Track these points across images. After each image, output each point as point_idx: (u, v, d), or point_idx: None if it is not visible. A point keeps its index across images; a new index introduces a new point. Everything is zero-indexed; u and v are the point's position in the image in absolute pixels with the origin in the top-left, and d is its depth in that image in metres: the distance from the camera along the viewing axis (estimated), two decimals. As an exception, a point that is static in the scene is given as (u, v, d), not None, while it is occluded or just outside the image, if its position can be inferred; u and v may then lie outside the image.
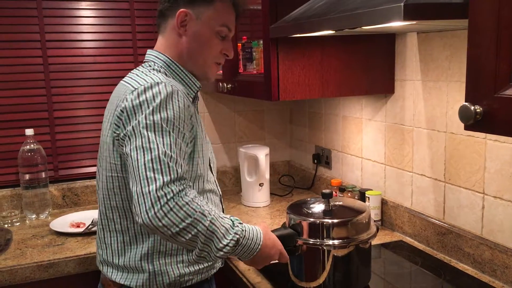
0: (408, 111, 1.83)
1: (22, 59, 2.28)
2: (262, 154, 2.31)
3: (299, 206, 1.49)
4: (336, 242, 1.37)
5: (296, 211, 1.44)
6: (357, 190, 2.04)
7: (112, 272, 1.41)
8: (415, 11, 1.01)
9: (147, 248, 1.36)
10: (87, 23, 2.36)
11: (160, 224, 1.12)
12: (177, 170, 1.17)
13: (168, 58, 1.41)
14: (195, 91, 1.45)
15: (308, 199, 1.54)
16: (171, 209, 1.13)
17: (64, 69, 2.35)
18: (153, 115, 1.21)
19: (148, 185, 1.13)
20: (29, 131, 2.21)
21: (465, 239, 1.60)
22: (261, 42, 1.84)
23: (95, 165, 2.42)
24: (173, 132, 1.21)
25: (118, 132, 1.27)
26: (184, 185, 1.17)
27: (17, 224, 2.17)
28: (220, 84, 2.17)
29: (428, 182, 1.76)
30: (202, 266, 1.43)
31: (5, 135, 2.29)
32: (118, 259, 1.39)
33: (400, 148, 1.89)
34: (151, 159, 1.16)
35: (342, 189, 2.08)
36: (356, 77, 1.85)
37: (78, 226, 2.08)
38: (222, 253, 1.20)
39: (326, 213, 1.43)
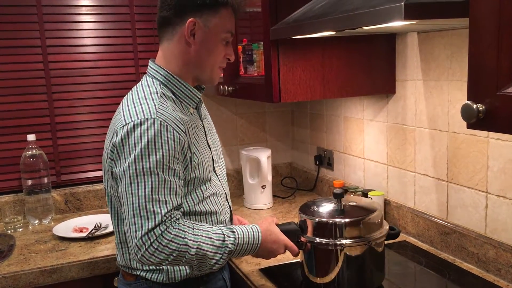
0: (409, 111, 1.83)
1: (23, 65, 2.28)
2: (264, 156, 2.30)
3: (309, 205, 1.54)
4: (342, 241, 1.39)
5: (305, 210, 1.50)
6: (360, 191, 2.04)
7: (135, 270, 1.46)
8: (416, 10, 1.01)
9: None
10: (88, 28, 2.37)
11: (150, 262, 1.28)
12: (161, 212, 1.26)
13: (168, 72, 1.42)
14: (197, 102, 1.48)
15: (321, 198, 1.59)
16: (155, 249, 1.26)
17: (65, 74, 2.35)
18: (141, 159, 1.27)
19: (135, 231, 1.26)
20: (31, 137, 2.21)
21: (469, 239, 1.60)
22: (262, 44, 1.84)
23: (97, 170, 2.42)
24: (162, 173, 1.28)
25: (112, 165, 1.34)
26: (167, 224, 1.27)
27: (20, 229, 2.17)
28: (221, 87, 2.17)
29: (431, 182, 1.76)
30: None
31: (7, 141, 2.29)
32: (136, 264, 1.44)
33: (402, 148, 1.89)
34: (138, 206, 1.26)
35: (345, 190, 2.07)
36: (357, 77, 1.85)
37: (81, 231, 2.08)
38: (218, 265, 1.35)
39: (331, 213, 1.45)
